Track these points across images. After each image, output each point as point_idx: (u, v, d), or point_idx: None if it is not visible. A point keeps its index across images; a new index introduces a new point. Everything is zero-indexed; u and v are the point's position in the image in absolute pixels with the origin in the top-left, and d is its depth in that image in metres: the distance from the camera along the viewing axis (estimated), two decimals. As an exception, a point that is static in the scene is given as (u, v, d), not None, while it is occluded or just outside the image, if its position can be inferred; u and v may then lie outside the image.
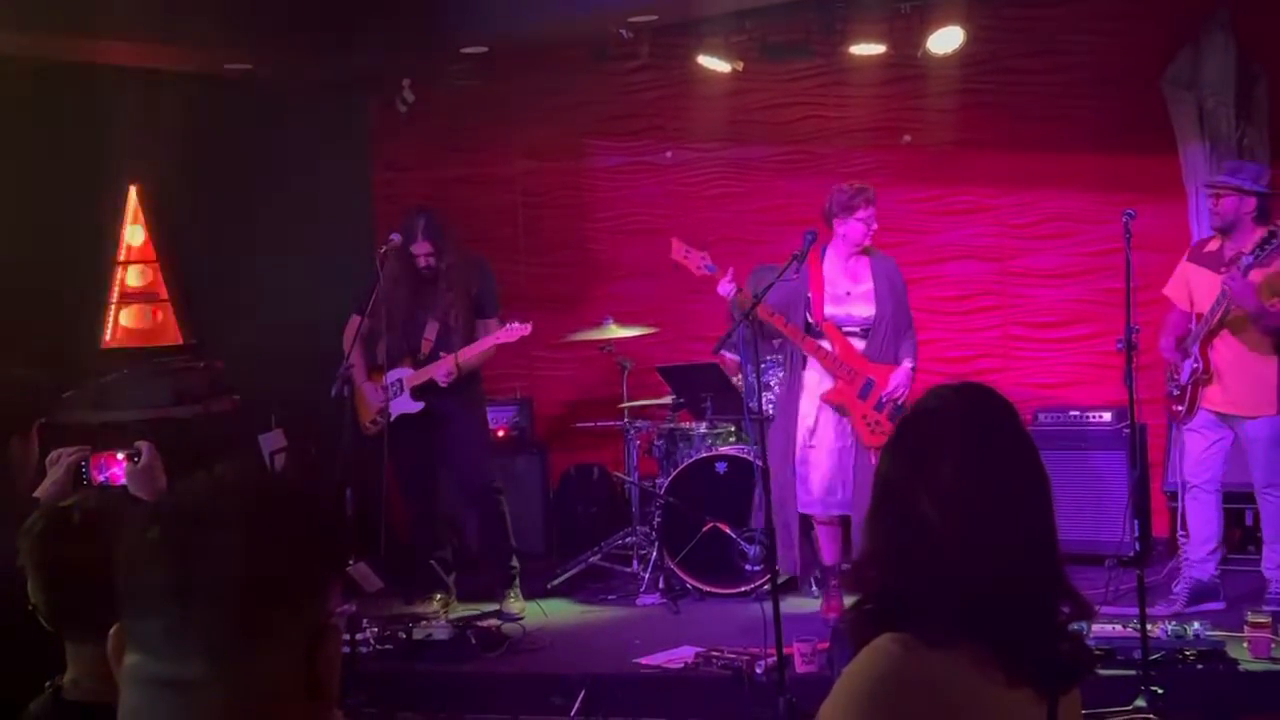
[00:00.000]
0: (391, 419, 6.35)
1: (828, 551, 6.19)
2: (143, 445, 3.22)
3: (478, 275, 6.48)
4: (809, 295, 6.06)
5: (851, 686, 1.74)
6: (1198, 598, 5.92)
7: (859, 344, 6.07)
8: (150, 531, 1.30)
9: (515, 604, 6.48)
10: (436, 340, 6.42)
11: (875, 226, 6.07)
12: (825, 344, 6.06)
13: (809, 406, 6.10)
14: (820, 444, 6.07)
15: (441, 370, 6.32)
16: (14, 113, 6.65)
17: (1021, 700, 1.76)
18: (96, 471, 3.33)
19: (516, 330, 6.30)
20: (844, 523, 6.21)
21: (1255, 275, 5.60)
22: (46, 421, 3.42)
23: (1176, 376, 5.97)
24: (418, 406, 6.39)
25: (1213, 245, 5.96)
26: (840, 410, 6.04)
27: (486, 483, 6.58)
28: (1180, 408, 5.96)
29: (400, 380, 6.41)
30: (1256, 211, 5.78)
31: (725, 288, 6.01)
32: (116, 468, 3.13)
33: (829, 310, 6.07)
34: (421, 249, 6.31)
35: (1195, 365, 5.85)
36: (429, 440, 6.48)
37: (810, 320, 6.07)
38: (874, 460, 5.86)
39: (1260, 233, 5.66)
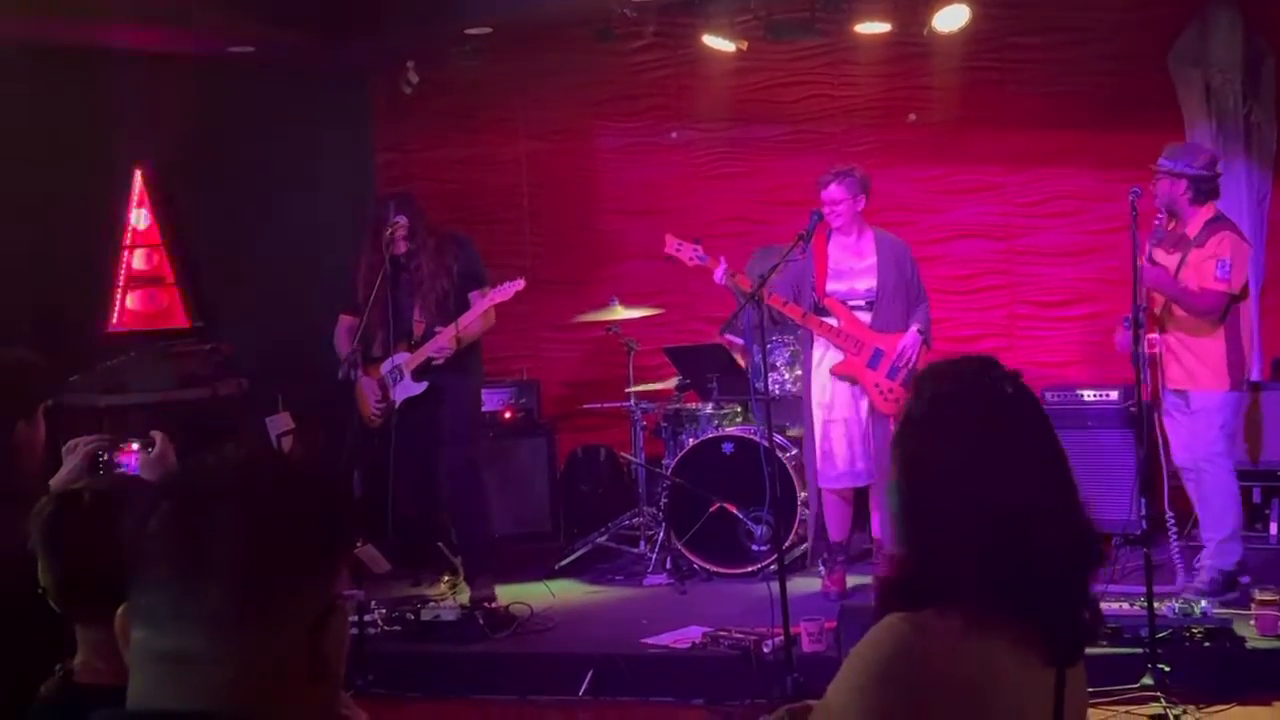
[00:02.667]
0: (396, 405, 6.32)
1: (835, 528, 6.23)
2: (156, 435, 3.22)
3: (459, 251, 6.39)
4: (813, 275, 6.12)
5: (860, 665, 1.74)
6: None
7: (865, 316, 6.13)
8: (156, 506, 1.31)
9: (445, 588, 6.46)
10: (428, 320, 6.36)
11: (837, 210, 6.06)
12: (831, 320, 6.12)
13: (820, 382, 6.19)
14: (836, 417, 6.15)
15: (435, 346, 6.25)
16: (18, 96, 6.65)
17: (1032, 674, 1.76)
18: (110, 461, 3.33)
19: (510, 287, 6.25)
20: (857, 495, 6.26)
21: (1194, 256, 5.66)
22: (54, 405, 3.41)
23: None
24: (422, 386, 6.31)
25: (1172, 225, 5.94)
26: (851, 381, 6.09)
27: (468, 459, 6.47)
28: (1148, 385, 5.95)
29: (398, 366, 6.36)
30: (1191, 193, 5.75)
31: (720, 275, 6.13)
32: (130, 457, 3.12)
33: (831, 286, 6.16)
34: (399, 229, 6.28)
35: (1152, 349, 5.85)
36: (427, 420, 6.42)
37: (815, 298, 6.12)
38: (892, 429, 5.91)
39: (1204, 213, 5.74)
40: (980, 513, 1.76)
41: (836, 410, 6.16)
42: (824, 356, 6.20)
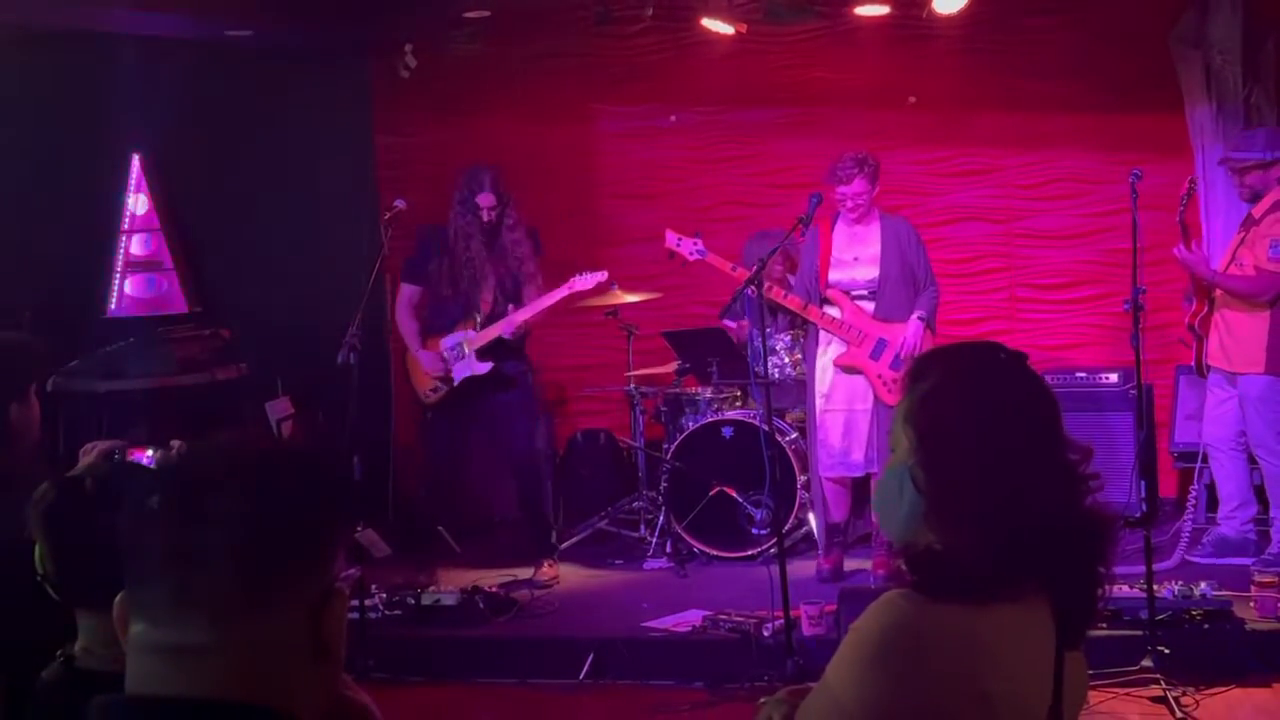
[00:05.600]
0: (456, 383, 6.32)
1: (836, 510, 6.26)
2: (176, 445, 3.20)
3: (532, 240, 6.43)
4: (817, 264, 6.12)
5: (859, 642, 1.73)
6: (1223, 553, 6.01)
7: (868, 305, 6.11)
8: (151, 498, 1.30)
9: (549, 570, 6.50)
10: (495, 300, 6.35)
11: (858, 203, 6.07)
12: (833, 311, 6.10)
13: (822, 373, 6.20)
14: (835, 407, 6.15)
15: (510, 326, 6.22)
16: (15, 81, 6.63)
17: (1031, 656, 1.76)
18: None
19: (593, 277, 6.26)
20: (856, 483, 6.27)
21: (1253, 234, 5.87)
22: (49, 387, 3.40)
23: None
24: (486, 367, 6.28)
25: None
26: (854, 373, 6.08)
27: (537, 450, 6.57)
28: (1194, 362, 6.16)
29: (461, 343, 6.34)
30: None
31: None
32: (143, 456, 3.10)
33: (833, 276, 6.14)
34: (486, 200, 6.26)
35: (1194, 318, 6.10)
36: (477, 404, 6.40)
37: (818, 289, 6.12)
38: None
39: (1277, 193, 5.89)
40: (1001, 483, 1.75)
41: (834, 401, 6.15)
42: (827, 346, 6.19)
